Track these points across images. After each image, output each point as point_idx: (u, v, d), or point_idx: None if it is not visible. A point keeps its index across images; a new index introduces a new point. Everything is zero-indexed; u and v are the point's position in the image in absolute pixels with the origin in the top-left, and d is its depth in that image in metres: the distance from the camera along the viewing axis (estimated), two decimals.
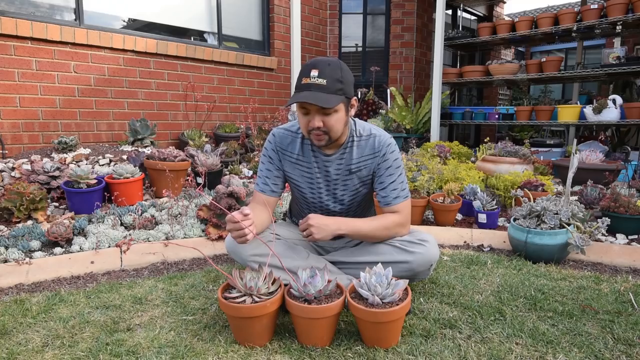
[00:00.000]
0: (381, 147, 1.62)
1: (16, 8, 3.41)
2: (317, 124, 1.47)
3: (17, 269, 1.96)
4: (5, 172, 2.95)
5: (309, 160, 1.66)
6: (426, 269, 1.61)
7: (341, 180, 1.66)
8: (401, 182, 1.64)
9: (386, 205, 1.64)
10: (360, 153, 1.63)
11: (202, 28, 4.79)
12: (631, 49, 7.72)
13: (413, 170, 3.09)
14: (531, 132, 6.62)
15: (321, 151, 1.64)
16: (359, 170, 1.64)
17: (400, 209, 1.63)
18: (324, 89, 1.42)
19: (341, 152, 1.63)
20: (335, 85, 1.44)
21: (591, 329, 1.46)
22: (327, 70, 1.44)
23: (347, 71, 1.50)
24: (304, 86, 1.44)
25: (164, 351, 1.34)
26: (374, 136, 1.63)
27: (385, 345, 1.35)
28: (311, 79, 1.43)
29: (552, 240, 2.07)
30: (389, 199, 1.63)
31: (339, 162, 1.64)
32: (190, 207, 2.76)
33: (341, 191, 1.69)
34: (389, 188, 1.62)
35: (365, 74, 6.13)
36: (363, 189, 1.70)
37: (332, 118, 1.48)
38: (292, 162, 1.68)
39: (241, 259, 1.61)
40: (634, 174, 3.75)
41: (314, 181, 1.68)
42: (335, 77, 1.44)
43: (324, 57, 1.51)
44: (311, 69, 1.44)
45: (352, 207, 1.76)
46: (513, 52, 9.38)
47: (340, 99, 1.46)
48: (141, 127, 3.89)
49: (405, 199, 1.64)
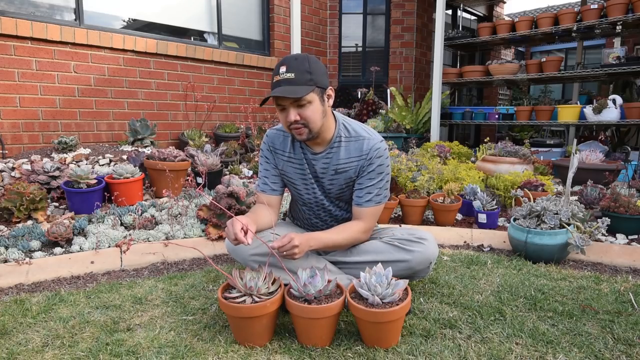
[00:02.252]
0: (369, 150, 1.61)
1: (16, 8, 3.41)
2: (292, 117, 1.50)
3: (17, 269, 1.96)
4: (5, 172, 2.95)
5: (300, 157, 1.68)
6: (425, 267, 1.62)
7: (327, 179, 1.67)
8: (379, 187, 1.63)
9: (357, 206, 1.65)
10: (347, 154, 1.63)
11: (202, 28, 4.79)
12: (631, 49, 7.72)
13: (413, 170, 3.09)
14: (531, 132, 6.62)
15: (310, 149, 1.65)
16: (345, 172, 1.64)
17: (367, 213, 1.64)
18: (292, 82, 1.46)
19: (327, 152, 1.64)
20: (303, 76, 1.47)
21: (591, 329, 1.46)
22: (294, 64, 1.48)
23: (315, 62, 1.52)
24: (275, 84, 1.50)
25: (164, 351, 1.34)
26: (363, 138, 1.62)
27: (385, 345, 1.35)
28: (280, 75, 1.47)
29: (552, 240, 2.07)
30: (360, 200, 1.63)
31: (325, 162, 1.64)
32: (190, 207, 2.76)
33: (327, 189, 1.69)
34: (364, 190, 1.63)
35: (365, 74, 6.13)
36: (347, 190, 1.69)
37: (308, 109, 1.50)
38: (285, 160, 1.71)
39: (241, 259, 1.62)
40: (634, 174, 3.75)
41: (307, 179, 1.69)
42: (302, 69, 1.48)
43: (292, 54, 1.55)
44: (280, 67, 1.49)
45: (344, 207, 1.75)
46: (513, 52, 9.38)
47: (310, 88, 1.48)
48: (141, 127, 3.90)
49: (377, 205, 1.64)
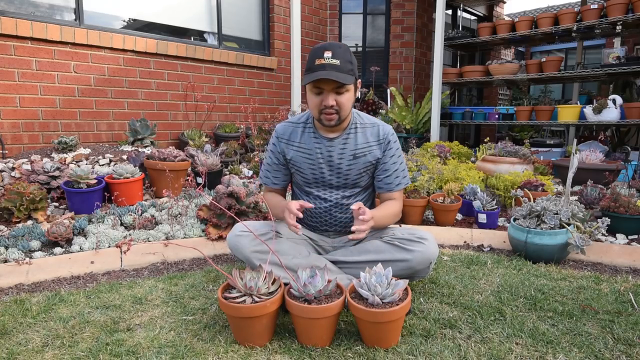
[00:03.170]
0: (386, 135, 1.72)
1: (16, 8, 3.41)
2: (331, 102, 1.54)
3: (17, 269, 1.96)
4: (5, 172, 2.95)
5: (311, 147, 1.72)
6: (426, 267, 1.63)
7: (345, 165, 1.70)
8: (403, 169, 1.76)
9: (388, 192, 1.74)
10: (365, 139, 1.70)
11: (202, 28, 4.79)
12: (631, 49, 7.72)
13: (413, 170, 3.09)
14: (531, 132, 6.62)
15: (324, 136, 1.69)
16: (363, 156, 1.70)
17: (399, 195, 1.78)
18: (338, 68, 1.50)
19: (344, 137, 1.69)
20: (347, 65, 1.53)
21: (591, 329, 1.46)
22: (339, 52, 1.52)
23: (352, 54, 1.59)
24: (318, 66, 1.50)
25: (164, 351, 1.34)
26: (377, 125, 1.74)
27: (385, 345, 1.35)
28: (325, 59, 1.50)
29: (552, 240, 2.07)
30: (392, 185, 1.74)
31: (342, 147, 1.69)
32: (190, 207, 2.76)
33: (344, 176, 1.73)
34: (393, 175, 1.73)
35: (365, 74, 6.12)
36: (365, 175, 1.74)
37: (344, 97, 1.56)
38: (294, 149, 1.75)
39: (242, 255, 1.63)
40: (634, 174, 3.75)
41: (317, 168, 1.73)
42: (346, 58, 1.53)
43: (332, 42, 1.58)
44: (324, 51, 1.51)
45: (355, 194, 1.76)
46: (513, 52, 9.38)
47: (352, 79, 1.54)
48: (141, 127, 3.90)
49: (405, 185, 1.78)
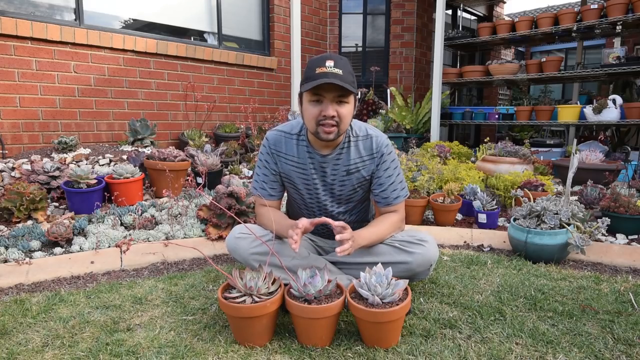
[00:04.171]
0: (379, 148, 1.63)
1: (16, 8, 3.41)
2: (331, 112, 1.47)
3: (17, 269, 1.96)
4: (5, 172, 2.95)
5: (305, 161, 1.65)
6: (426, 269, 1.62)
7: (338, 181, 1.66)
8: (400, 181, 1.67)
9: (387, 205, 1.67)
10: (357, 154, 1.63)
11: (202, 28, 4.79)
12: (631, 49, 7.72)
13: (413, 170, 3.09)
14: (531, 132, 6.62)
15: (317, 151, 1.63)
16: (357, 171, 1.64)
17: (399, 206, 1.69)
18: (340, 78, 1.44)
19: (337, 153, 1.62)
20: (349, 77, 1.48)
21: (591, 329, 1.46)
22: (341, 63, 1.47)
23: (351, 67, 1.55)
24: (320, 74, 1.44)
25: (164, 351, 1.34)
26: (370, 137, 1.64)
27: (385, 345, 1.35)
28: (327, 68, 1.44)
29: (552, 240, 2.07)
30: (389, 199, 1.66)
31: (336, 163, 1.63)
32: (190, 207, 2.76)
33: (338, 192, 1.68)
34: (389, 189, 1.65)
35: (365, 74, 6.12)
36: (360, 190, 1.70)
37: (345, 108, 1.50)
38: (288, 164, 1.67)
39: (242, 257, 1.61)
40: (634, 174, 3.75)
41: (310, 182, 1.67)
42: (348, 69, 1.49)
43: (332, 53, 1.55)
44: (326, 60, 1.46)
45: (350, 209, 1.75)
46: (513, 52, 9.38)
47: (354, 90, 1.49)
48: (141, 127, 3.89)
49: (404, 198, 1.69)
